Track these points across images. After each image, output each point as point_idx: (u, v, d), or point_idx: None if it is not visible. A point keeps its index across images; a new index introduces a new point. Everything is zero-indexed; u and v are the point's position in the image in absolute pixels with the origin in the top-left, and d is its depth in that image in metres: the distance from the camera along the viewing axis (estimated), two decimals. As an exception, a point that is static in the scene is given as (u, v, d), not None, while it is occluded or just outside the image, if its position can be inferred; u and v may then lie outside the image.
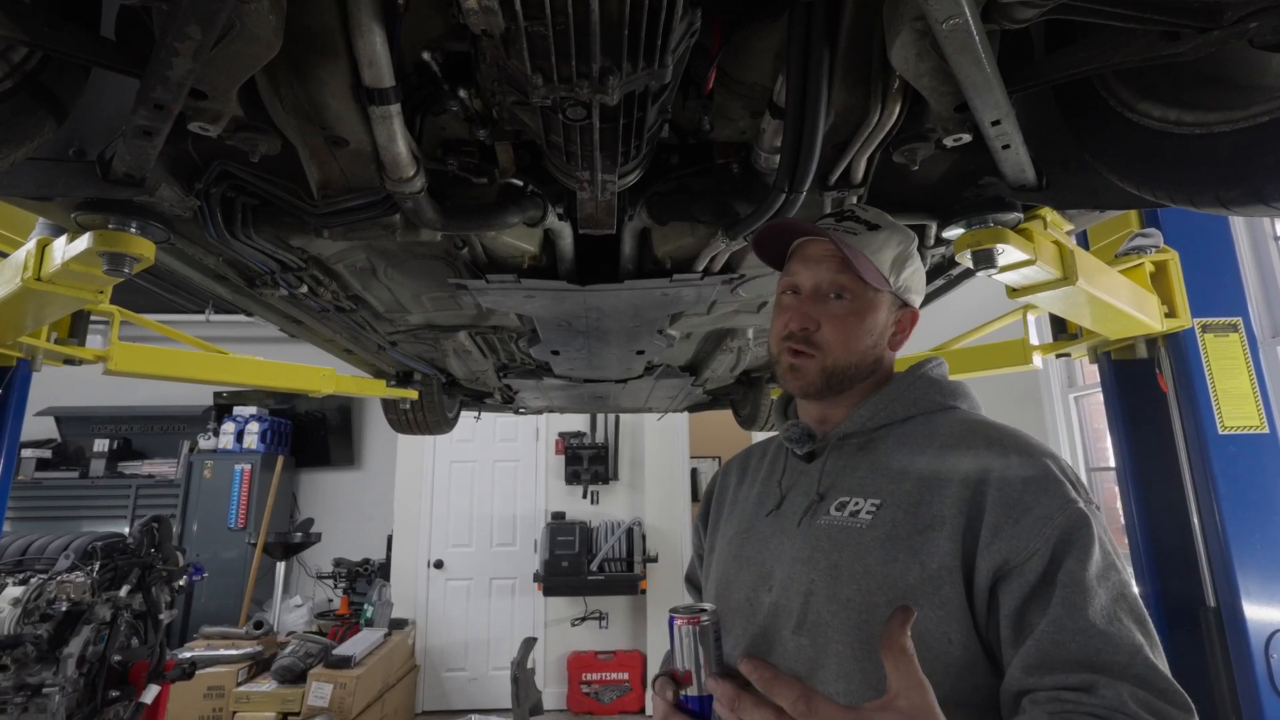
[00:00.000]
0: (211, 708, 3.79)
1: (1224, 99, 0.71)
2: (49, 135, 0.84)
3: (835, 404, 0.91)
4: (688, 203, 1.15)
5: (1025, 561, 0.70)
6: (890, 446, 0.85)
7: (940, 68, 0.76)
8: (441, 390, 2.85)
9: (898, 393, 0.89)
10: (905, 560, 0.74)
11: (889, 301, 0.90)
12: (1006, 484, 0.74)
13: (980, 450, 0.78)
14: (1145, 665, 0.65)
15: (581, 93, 0.74)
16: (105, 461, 5.39)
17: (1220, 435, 1.61)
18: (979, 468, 0.76)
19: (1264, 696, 1.46)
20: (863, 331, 0.88)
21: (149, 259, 1.05)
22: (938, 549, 0.73)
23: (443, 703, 5.11)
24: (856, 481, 0.84)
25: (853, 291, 0.87)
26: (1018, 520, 0.71)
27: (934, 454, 0.80)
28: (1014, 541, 0.71)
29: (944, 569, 0.72)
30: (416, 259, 1.39)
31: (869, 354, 0.89)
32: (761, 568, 0.87)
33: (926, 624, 0.72)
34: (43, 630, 2.18)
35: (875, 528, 0.78)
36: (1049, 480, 0.73)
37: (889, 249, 0.89)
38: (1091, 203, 0.94)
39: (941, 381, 0.91)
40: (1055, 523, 0.71)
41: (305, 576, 5.62)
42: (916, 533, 0.75)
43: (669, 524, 5.38)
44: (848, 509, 0.82)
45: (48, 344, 1.63)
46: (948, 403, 0.89)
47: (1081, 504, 0.72)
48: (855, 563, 0.77)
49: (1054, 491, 0.72)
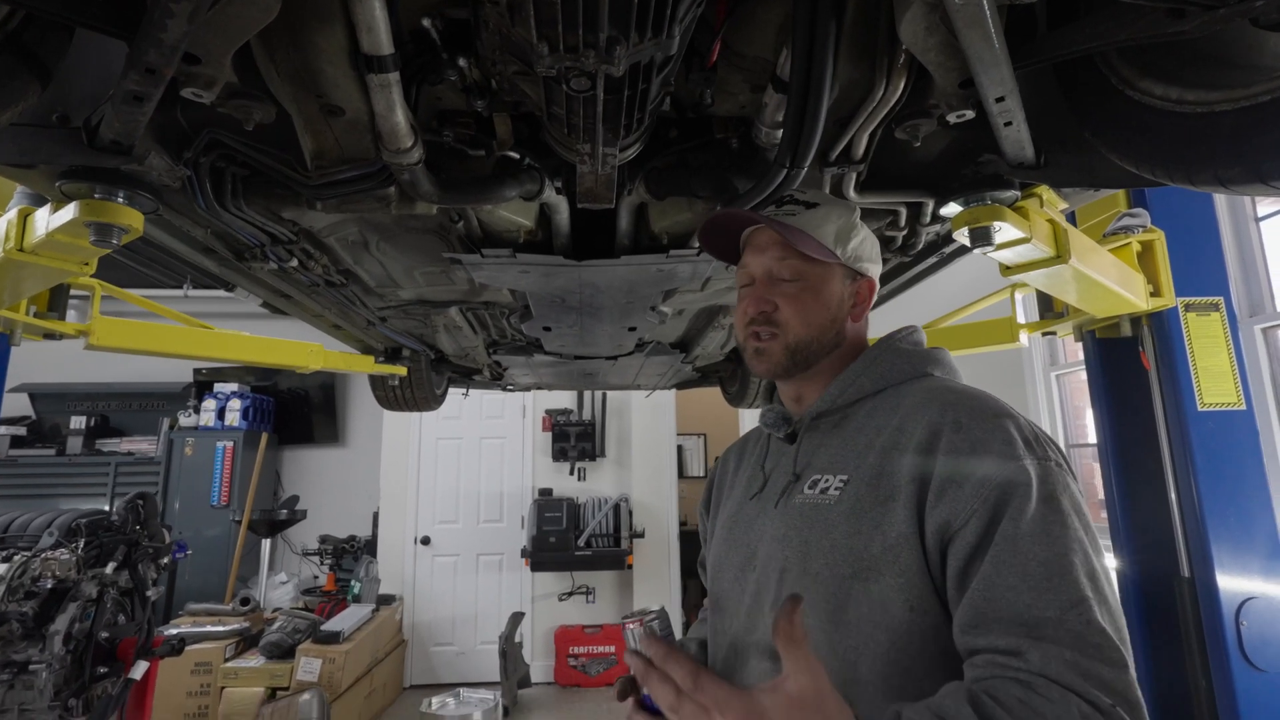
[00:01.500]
0: (199, 683, 3.80)
1: (1225, 77, 0.72)
2: (32, 100, 0.81)
3: (808, 382, 0.93)
4: (686, 178, 1.15)
5: (965, 524, 0.70)
6: (860, 421, 0.86)
7: (948, 42, 0.76)
8: (430, 367, 2.83)
9: (864, 367, 0.90)
10: (868, 532, 0.76)
11: (841, 273, 0.92)
12: (954, 448, 0.74)
13: (934, 416, 0.78)
14: (1079, 621, 0.64)
15: (587, 63, 0.73)
16: (82, 439, 5.29)
17: (1199, 412, 1.66)
18: (930, 434, 0.77)
19: (1233, 662, 1.52)
20: (818, 305, 0.90)
21: (137, 230, 1.03)
22: (896, 518, 0.74)
23: (431, 676, 5.16)
24: (828, 459, 0.86)
25: (801, 269, 0.91)
26: (961, 484, 0.72)
27: (894, 425, 0.81)
28: (955, 504, 0.71)
29: (902, 536, 0.74)
30: (410, 233, 1.37)
31: (828, 327, 0.91)
32: (747, 549, 0.90)
33: (888, 592, 0.73)
34: (28, 608, 2.15)
35: (841, 503, 0.80)
36: (998, 441, 0.73)
37: (829, 223, 0.92)
38: (1089, 181, 0.95)
39: (910, 351, 0.91)
40: (994, 482, 0.71)
41: (291, 553, 5.60)
42: (878, 504, 0.77)
43: (656, 500, 5.44)
44: (819, 486, 0.83)
45: (27, 318, 1.59)
46: (920, 370, 0.89)
47: (1029, 461, 0.72)
48: (823, 538, 0.79)
49: (1001, 451, 0.72)
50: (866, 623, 0.73)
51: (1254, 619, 1.55)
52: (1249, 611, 1.56)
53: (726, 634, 0.89)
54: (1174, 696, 1.64)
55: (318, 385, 5.85)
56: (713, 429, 7.40)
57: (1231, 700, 1.52)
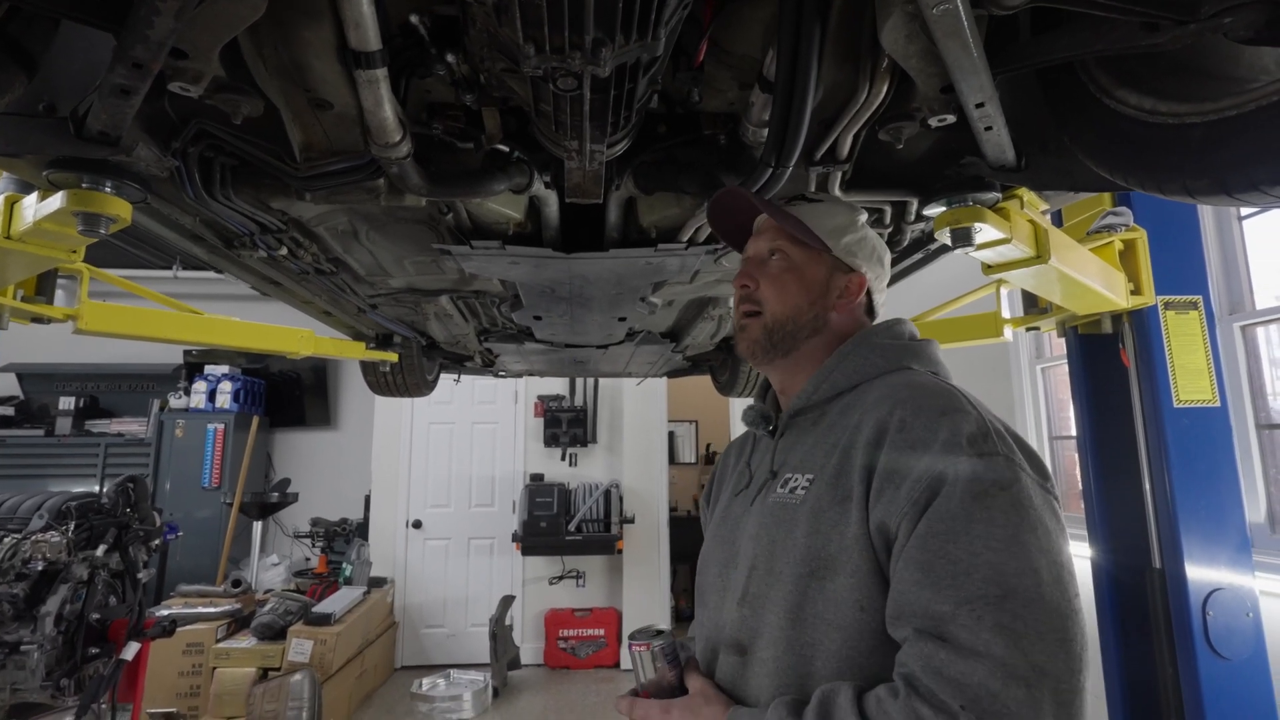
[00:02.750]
0: (191, 663, 3.83)
1: (1197, 90, 0.73)
2: (19, 90, 0.81)
3: (790, 374, 0.94)
4: (674, 173, 1.16)
5: (899, 524, 0.70)
6: (833, 419, 0.86)
7: (929, 50, 0.77)
8: (421, 353, 2.84)
9: (837, 362, 0.89)
10: (826, 532, 0.76)
11: (829, 262, 0.94)
12: (895, 446, 0.74)
13: (883, 414, 0.77)
14: (969, 618, 0.62)
15: (573, 64, 0.74)
16: (71, 419, 5.27)
17: (1175, 408, 1.69)
18: (877, 432, 0.76)
19: (1199, 651, 1.58)
20: (798, 287, 0.92)
21: (125, 220, 1.03)
22: (850, 519, 0.75)
23: (422, 658, 5.22)
24: (800, 457, 0.86)
25: (788, 252, 0.94)
26: (898, 484, 0.71)
27: (854, 423, 0.81)
28: (890, 504, 0.71)
29: (854, 538, 0.74)
30: (399, 223, 1.37)
31: (805, 309, 0.92)
32: (730, 546, 0.91)
33: (841, 592, 0.74)
34: (19, 589, 2.17)
35: (806, 502, 0.80)
36: (939, 438, 0.71)
37: (829, 217, 0.94)
38: (1068, 185, 0.96)
39: (887, 345, 0.90)
40: (924, 483, 0.69)
41: (282, 536, 5.63)
42: (836, 504, 0.77)
43: (646, 486, 5.48)
44: (789, 485, 0.84)
45: (14, 302, 1.58)
46: (894, 364, 0.88)
47: (965, 457, 0.69)
48: (787, 537, 0.80)
49: (939, 449, 0.70)
50: (821, 621, 0.75)
51: (1220, 609, 1.60)
52: (1216, 602, 1.61)
53: (705, 628, 0.91)
54: (1141, 683, 1.70)
55: (309, 368, 5.84)
56: (704, 416, 7.44)
57: (1196, 687, 1.57)
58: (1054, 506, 0.71)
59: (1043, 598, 0.63)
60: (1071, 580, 0.67)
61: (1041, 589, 0.63)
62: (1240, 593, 1.63)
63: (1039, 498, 0.69)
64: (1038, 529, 0.66)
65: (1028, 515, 0.67)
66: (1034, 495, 0.69)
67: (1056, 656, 0.62)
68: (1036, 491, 0.70)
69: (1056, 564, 0.66)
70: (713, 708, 0.79)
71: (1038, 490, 0.70)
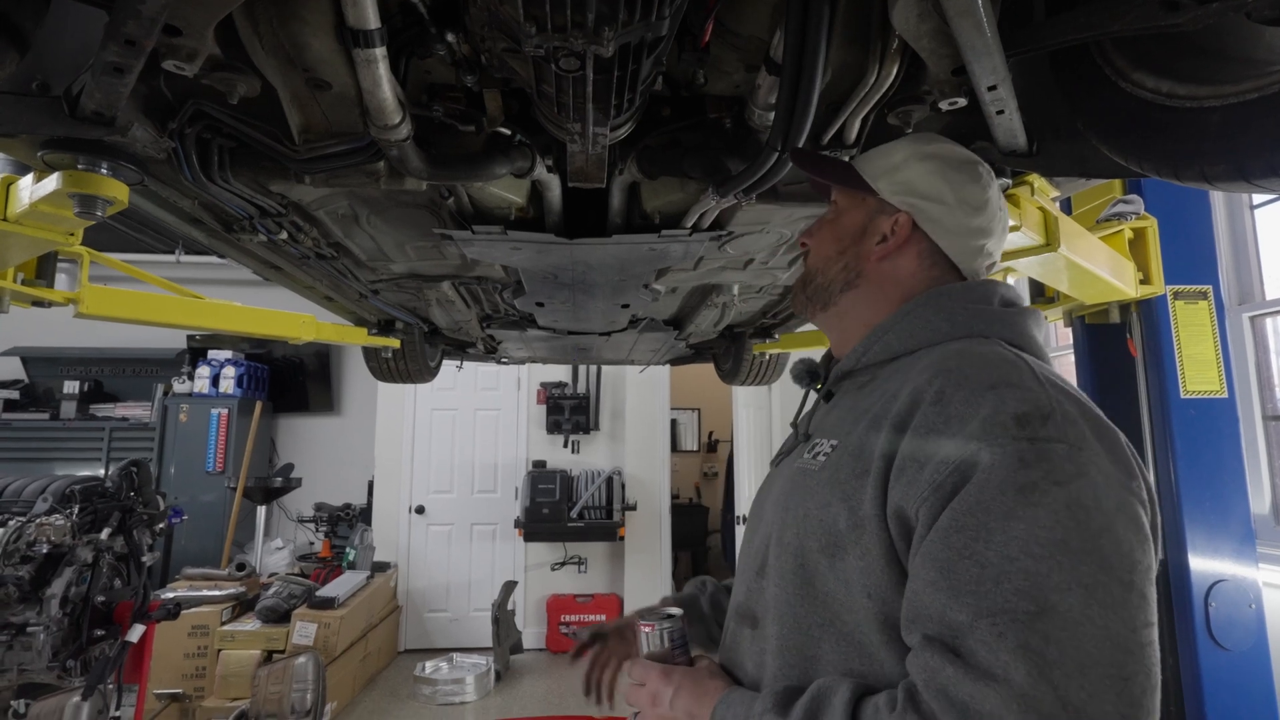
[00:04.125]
0: (196, 645, 3.87)
1: (1216, 72, 0.71)
2: (10, 68, 0.79)
3: (837, 332, 0.87)
4: (679, 157, 1.14)
5: (917, 510, 0.60)
6: (880, 384, 0.75)
7: (940, 30, 0.75)
8: (423, 339, 2.83)
9: (893, 322, 0.77)
10: (837, 505, 0.68)
11: (872, 206, 0.84)
12: (926, 422, 0.62)
13: (921, 383, 0.66)
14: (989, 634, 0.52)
15: (576, 43, 0.72)
16: (76, 403, 5.30)
17: (1182, 399, 1.68)
18: (910, 403, 0.65)
19: (1200, 642, 1.57)
20: (829, 235, 0.87)
21: (122, 202, 1.02)
22: (865, 496, 0.65)
23: (425, 642, 5.26)
24: (832, 422, 0.79)
25: (837, 201, 0.88)
26: (921, 464, 0.60)
27: (894, 390, 0.70)
28: (910, 487, 0.61)
29: (866, 517, 0.64)
30: (400, 207, 1.36)
31: (834, 260, 0.85)
32: (760, 511, 0.86)
33: (851, 574, 0.65)
34: (24, 572, 2.18)
35: (824, 470, 0.72)
36: (978, 415, 0.59)
37: (884, 156, 0.84)
38: (1080, 171, 0.94)
39: (958, 309, 0.75)
40: (952, 463, 0.58)
41: (286, 520, 5.66)
42: (855, 476, 0.68)
43: (648, 473, 5.49)
44: (814, 450, 0.76)
45: (14, 285, 1.57)
46: (963, 332, 0.73)
47: (1007, 439, 0.57)
48: (799, 506, 0.73)
49: (976, 428, 0.58)
50: (833, 601, 0.67)
51: (1222, 600, 1.60)
52: (1218, 593, 1.60)
53: (734, 598, 0.86)
54: (1142, 673, 1.70)
55: (312, 354, 5.85)
56: (707, 403, 7.44)
57: (1196, 677, 1.57)
58: (1135, 513, 0.57)
59: (1091, 621, 0.51)
60: (1143, 607, 0.54)
61: (1091, 610, 0.51)
62: (1243, 584, 1.63)
63: (1112, 498, 0.56)
64: (1102, 537, 0.53)
65: (1089, 519, 0.54)
66: (1104, 495, 0.56)
67: (1103, 698, 0.50)
68: (1111, 491, 0.57)
69: (1123, 583, 0.53)
70: (715, 681, 0.76)
71: (1114, 489, 0.57)
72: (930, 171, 0.81)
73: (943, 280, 0.81)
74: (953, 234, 0.81)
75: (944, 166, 0.81)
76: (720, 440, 7.42)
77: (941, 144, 0.84)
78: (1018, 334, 0.74)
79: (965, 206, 0.80)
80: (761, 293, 2.09)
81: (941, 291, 0.78)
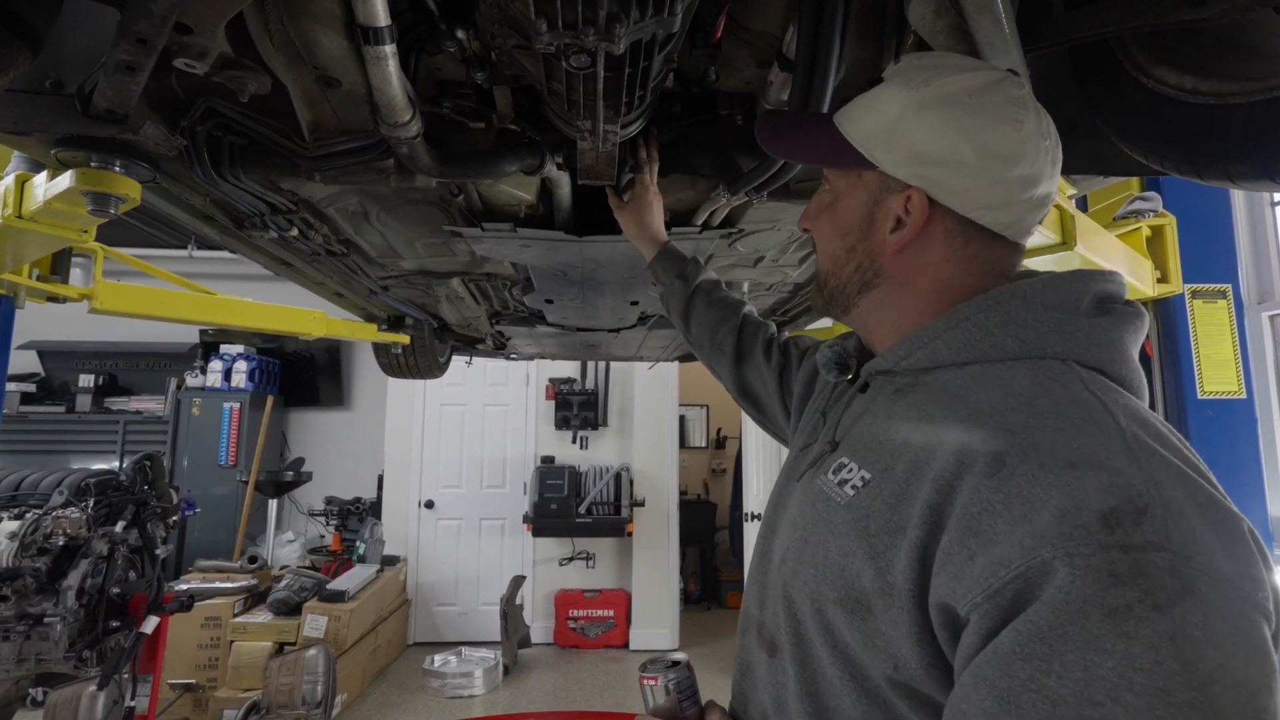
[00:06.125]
0: (209, 637, 3.91)
1: (1242, 68, 0.70)
2: (24, 66, 0.79)
3: (867, 332, 0.73)
4: (689, 154, 1.13)
5: (968, 612, 0.47)
6: (922, 399, 0.61)
7: (957, 26, 0.74)
8: (433, 335, 2.84)
9: (948, 327, 0.61)
10: (862, 560, 0.56)
11: (871, 183, 0.67)
12: (979, 498, 0.49)
13: (974, 440, 0.52)
14: None
15: (587, 40, 0.71)
16: (91, 397, 5.37)
17: (1199, 400, 1.65)
18: (957, 464, 0.52)
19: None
20: (833, 227, 0.71)
21: (135, 199, 1.02)
22: (898, 562, 0.53)
23: (434, 635, 5.30)
24: (866, 438, 0.64)
25: (828, 177, 0.72)
26: (971, 555, 0.47)
27: (944, 426, 0.56)
28: (957, 583, 0.48)
29: (899, 590, 0.52)
30: (410, 204, 1.36)
31: (843, 258, 0.70)
32: (774, 515, 0.75)
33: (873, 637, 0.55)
34: (41, 563, 2.22)
35: (851, 508, 0.60)
36: (1049, 504, 0.46)
37: (879, 110, 0.64)
38: (1099, 169, 0.93)
39: (1028, 319, 0.58)
40: (1013, 571, 0.45)
41: (297, 513, 5.71)
42: (887, 532, 0.55)
43: (657, 470, 5.49)
44: (840, 474, 0.64)
45: (30, 281, 1.59)
46: (1035, 350, 0.57)
47: (1098, 552, 0.43)
48: (818, 544, 0.61)
49: (1047, 527, 0.45)
50: (851, 652, 0.57)
51: (1240, 604, 1.57)
52: (1235, 597, 1.58)
53: (747, 594, 0.78)
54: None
55: (323, 349, 5.89)
56: (715, 400, 7.43)
57: (1212, 682, 1.55)
58: (1261, 639, 0.43)
59: None
60: None
61: None
62: (1260, 588, 1.60)
63: (1231, 617, 0.42)
64: (1215, 683, 0.40)
65: (1199, 658, 0.40)
66: (1220, 616, 0.42)
67: None
68: (1225, 612, 0.42)
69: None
70: None
71: (1230, 608, 0.42)
72: (938, 125, 0.61)
73: (984, 260, 0.64)
74: (985, 202, 0.62)
75: (956, 113, 0.61)
76: (729, 437, 7.41)
77: (943, 79, 0.62)
78: (1109, 357, 0.57)
79: (994, 161, 0.60)
80: (772, 290, 2.07)
81: (1011, 292, 0.60)
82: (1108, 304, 0.61)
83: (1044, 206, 0.65)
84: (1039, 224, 0.67)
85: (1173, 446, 0.50)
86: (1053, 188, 0.64)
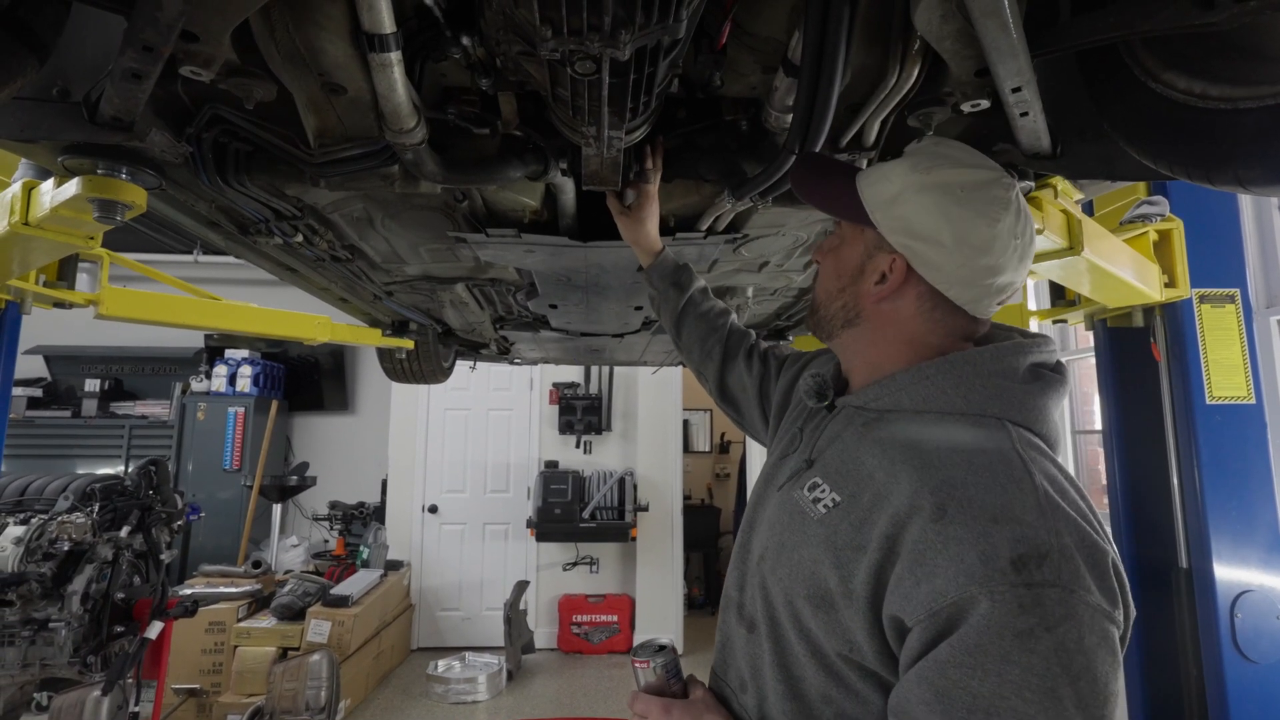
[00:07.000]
0: (213, 642, 3.91)
1: (1253, 72, 0.69)
2: (31, 75, 0.80)
3: (845, 359, 0.89)
4: (694, 160, 1.13)
5: (913, 625, 0.63)
6: (887, 432, 0.76)
7: (964, 30, 0.73)
8: (437, 340, 2.84)
9: (912, 381, 0.76)
10: (829, 569, 0.70)
11: (870, 240, 0.81)
12: (924, 537, 0.64)
13: (924, 487, 0.66)
14: None
15: (592, 46, 0.71)
16: (97, 401, 5.39)
17: (1207, 405, 1.64)
18: (909, 506, 0.66)
19: (1225, 654, 1.54)
20: (832, 270, 0.86)
21: (141, 206, 1.02)
22: (859, 574, 0.68)
23: (437, 640, 5.29)
24: (838, 463, 0.78)
25: (840, 226, 0.87)
26: (918, 581, 0.63)
27: (902, 467, 0.70)
28: (906, 602, 0.63)
29: (859, 595, 0.67)
30: (415, 210, 1.36)
31: (834, 296, 0.85)
32: (753, 516, 0.88)
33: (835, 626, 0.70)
34: (46, 568, 2.22)
35: (823, 524, 0.73)
36: (973, 552, 0.61)
37: (889, 181, 0.78)
38: (1106, 173, 0.92)
39: (973, 383, 0.74)
40: (949, 599, 0.60)
41: (301, 518, 5.72)
42: (851, 549, 0.69)
43: (660, 475, 5.48)
44: (814, 492, 0.77)
45: (36, 287, 1.60)
46: (978, 410, 0.73)
47: (1009, 589, 0.59)
48: (793, 550, 0.75)
49: (973, 568, 0.60)
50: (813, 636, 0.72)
51: (1249, 611, 1.56)
52: (1245, 604, 1.56)
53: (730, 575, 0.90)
54: (1164, 686, 1.66)
55: (327, 353, 5.90)
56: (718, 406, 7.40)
57: (1221, 690, 1.53)
58: (1113, 643, 0.61)
59: None
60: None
61: None
62: (1271, 594, 1.59)
63: (1093, 636, 0.59)
64: (1080, 680, 0.58)
65: (1072, 663, 0.58)
66: (1086, 635, 0.59)
67: None
68: (1093, 628, 0.60)
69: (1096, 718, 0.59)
70: (712, 715, 0.80)
71: (1096, 625, 0.60)
72: (928, 207, 0.75)
73: (946, 323, 0.79)
74: (952, 279, 0.76)
75: (945, 201, 0.74)
76: (732, 441, 7.39)
77: (944, 169, 0.76)
78: (1034, 417, 0.73)
79: (966, 248, 0.74)
80: (776, 295, 2.07)
81: (965, 359, 0.75)
82: (1039, 370, 0.76)
83: (1004, 293, 0.79)
84: (999, 306, 0.80)
85: (1070, 499, 0.66)
86: (1016, 279, 0.78)
